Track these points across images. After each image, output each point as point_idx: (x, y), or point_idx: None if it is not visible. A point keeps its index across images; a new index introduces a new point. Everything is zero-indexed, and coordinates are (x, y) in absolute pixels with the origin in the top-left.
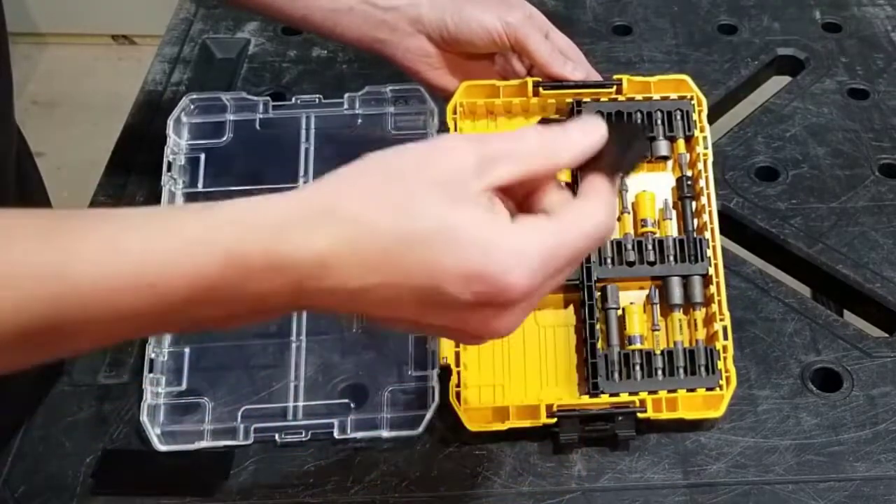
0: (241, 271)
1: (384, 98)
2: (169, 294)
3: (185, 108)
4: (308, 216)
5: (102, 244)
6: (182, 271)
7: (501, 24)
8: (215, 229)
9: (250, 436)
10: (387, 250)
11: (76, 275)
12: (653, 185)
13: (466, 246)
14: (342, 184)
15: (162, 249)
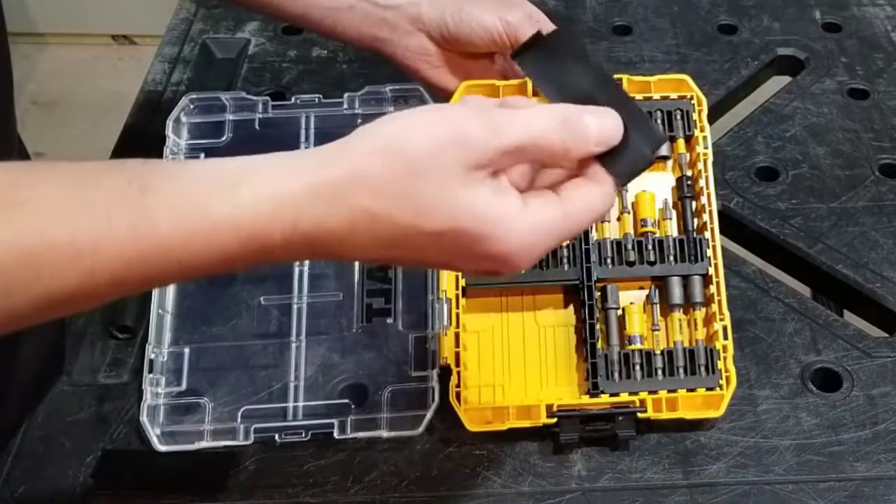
0: (264, 249)
1: (384, 98)
2: (195, 266)
3: (184, 107)
4: (328, 204)
5: (132, 222)
6: (208, 250)
7: (501, 23)
8: (241, 213)
9: (250, 436)
10: (404, 237)
11: (105, 249)
12: (653, 185)
13: (481, 235)
14: (357, 170)
15: (190, 230)
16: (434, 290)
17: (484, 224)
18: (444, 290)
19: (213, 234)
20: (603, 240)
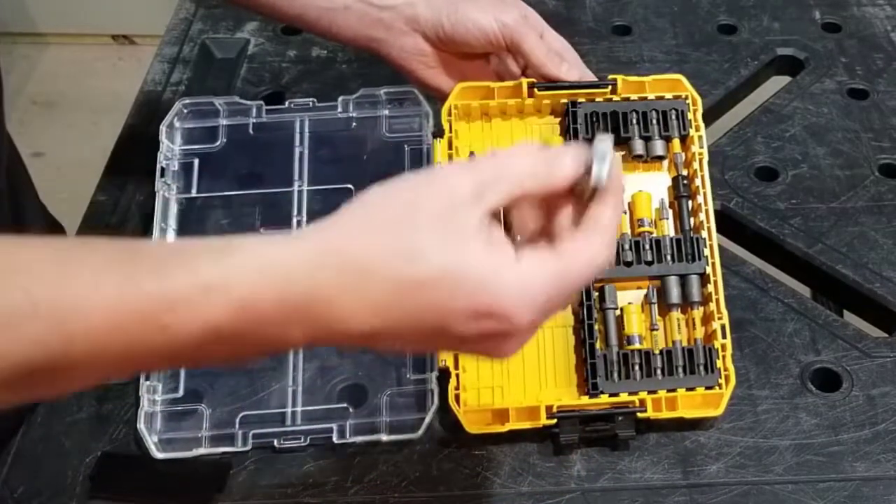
0: (254, 317)
1: (378, 101)
2: (181, 335)
3: (178, 113)
4: (317, 264)
5: (119, 282)
6: (196, 315)
7: (497, 24)
8: (230, 275)
9: (248, 442)
10: (395, 295)
11: (90, 310)
12: (649, 185)
13: (473, 286)
14: (344, 229)
15: (176, 291)
16: None
17: (476, 273)
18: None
19: (202, 297)
20: None
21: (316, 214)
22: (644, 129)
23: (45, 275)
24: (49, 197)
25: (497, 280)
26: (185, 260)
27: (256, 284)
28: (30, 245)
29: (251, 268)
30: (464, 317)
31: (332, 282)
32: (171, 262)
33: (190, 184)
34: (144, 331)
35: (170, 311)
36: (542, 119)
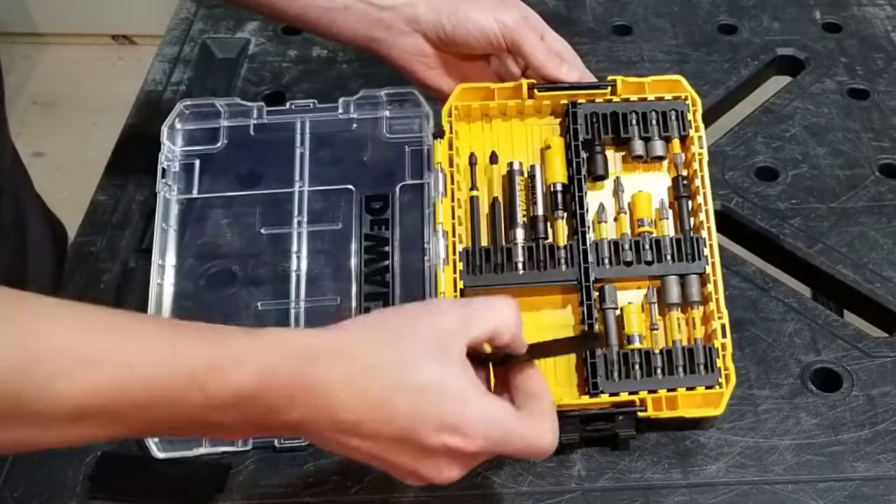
0: (271, 386)
1: (379, 102)
2: (215, 397)
3: (179, 114)
4: (330, 354)
5: (168, 347)
6: (229, 378)
7: (498, 25)
8: (259, 348)
9: (249, 441)
10: (388, 393)
11: (143, 367)
12: (649, 186)
13: (451, 399)
14: (357, 334)
15: (214, 357)
16: (432, 292)
17: (455, 388)
18: (441, 292)
19: (235, 363)
20: (600, 240)
21: (316, 215)
22: (644, 130)
23: (103, 336)
24: (49, 197)
25: (468, 398)
26: (220, 334)
27: (279, 360)
28: (82, 307)
29: (275, 346)
30: (434, 424)
31: (340, 372)
32: (209, 334)
33: (191, 184)
34: (189, 388)
35: (209, 373)
36: (542, 120)
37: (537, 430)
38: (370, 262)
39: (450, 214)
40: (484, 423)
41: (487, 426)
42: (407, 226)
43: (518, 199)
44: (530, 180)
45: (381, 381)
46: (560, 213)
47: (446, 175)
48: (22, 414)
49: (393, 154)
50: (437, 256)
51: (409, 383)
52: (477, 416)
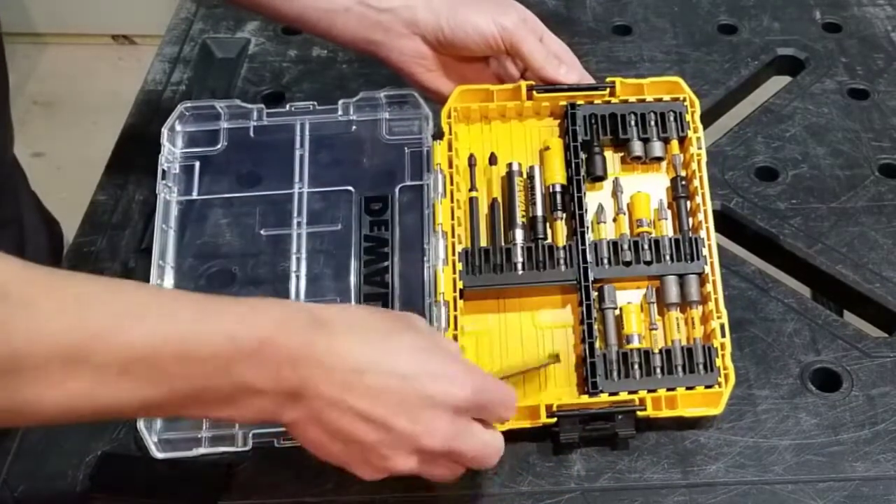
0: (289, 331)
1: (378, 103)
2: (242, 344)
3: (179, 116)
4: (335, 309)
5: (194, 305)
6: (254, 324)
7: (496, 27)
8: (274, 302)
9: (248, 442)
10: (386, 342)
11: (179, 323)
12: (648, 186)
13: (441, 354)
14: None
15: (238, 310)
16: (432, 293)
17: (438, 345)
18: (441, 292)
19: (255, 313)
20: (599, 240)
21: (316, 216)
22: (642, 131)
23: (143, 294)
24: (49, 197)
25: (455, 354)
26: (236, 298)
27: (294, 311)
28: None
29: (288, 303)
30: (430, 373)
31: (344, 320)
32: (226, 298)
33: (191, 186)
34: (220, 341)
35: (237, 323)
36: (541, 121)
37: (508, 389)
38: (370, 262)
39: (449, 215)
40: (470, 373)
41: (472, 376)
42: (406, 227)
43: (517, 199)
44: (529, 181)
45: (381, 333)
46: (559, 213)
47: (446, 176)
48: (79, 363)
49: (392, 155)
50: (437, 257)
51: (405, 339)
52: (464, 367)
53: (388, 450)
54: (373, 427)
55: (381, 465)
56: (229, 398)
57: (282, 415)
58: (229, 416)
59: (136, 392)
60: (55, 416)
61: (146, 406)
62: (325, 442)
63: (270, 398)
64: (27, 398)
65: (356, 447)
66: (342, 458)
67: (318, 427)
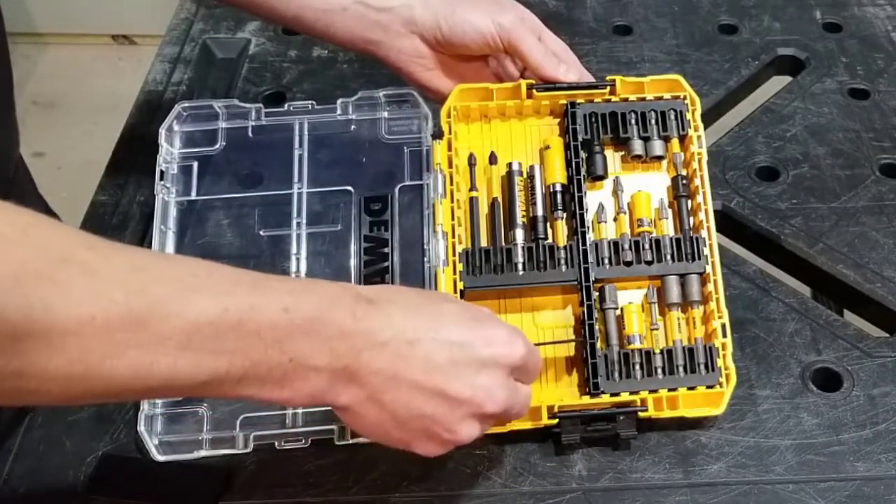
0: (341, 304)
1: (377, 103)
2: (297, 316)
3: (177, 116)
4: (379, 288)
5: (249, 278)
6: (305, 299)
7: (495, 26)
8: (320, 282)
9: (249, 444)
10: (435, 309)
11: (236, 295)
12: (648, 185)
13: (488, 319)
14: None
15: (291, 286)
16: None
17: (483, 312)
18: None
19: (306, 290)
20: (600, 240)
21: (315, 216)
22: (643, 130)
23: (202, 266)
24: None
25: (497, 319)
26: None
27: (341, 289)
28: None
29: (334, 283)
30: (481, 339)
31: (391, 295)
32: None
33: (189, 186)
34: (276, 312)
35: (290, 295)
36: (541, 120)
37: (539, 353)
38: (370, 263)
39: (449, 215)
40: (518, 335)
41: (521, 338)
42: (406, 227)
43: (517, 199)
44: (529, 181)
45: (425, 305)
46: (559, 213)
47: (445, 176)
48: (140, 331)
49: (392, 155)
50: (437, 258)
51: (450, 308)
52: (511, 329)
53: (451, 420)
54: (432, 397)
55: (446, 439)
56: (285, 377)
57: (337, 396)
58: (285, 397)
59: (197, 366)
60: (120, 388)
61: (207, 382)
62: (384, 422)
63: (326, 377)
64: (91, 363)
65: (418, 423)
66: (403, 438)
67: (376, 407)
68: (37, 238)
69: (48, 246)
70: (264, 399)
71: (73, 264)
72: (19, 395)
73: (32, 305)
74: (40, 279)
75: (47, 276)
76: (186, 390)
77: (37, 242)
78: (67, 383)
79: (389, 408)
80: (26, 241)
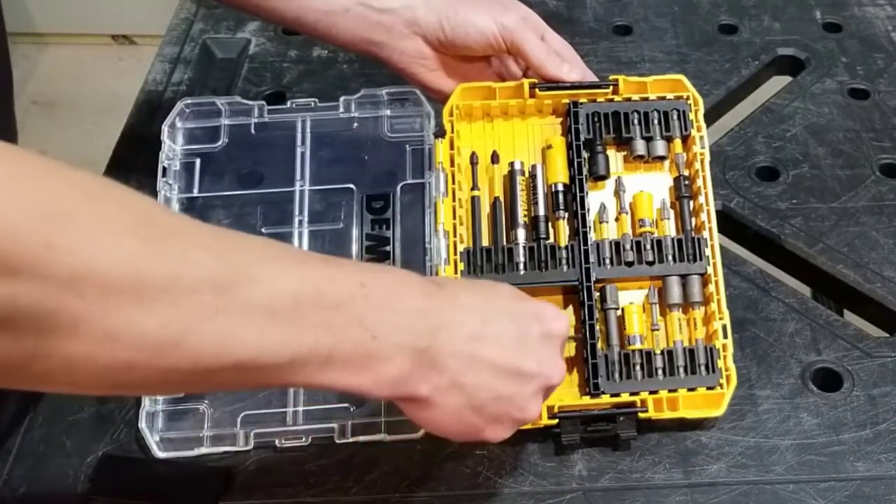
0: (412, 283)
1: (380, 101)
2: (373, 294)
3: (179, 112)
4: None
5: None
6: (381, 277)
7: (497, 26)
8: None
9: (250, 441)
10: (490, 293)
11: (313, 266)
12: (650, 185)
13: (530, 299)
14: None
15: (362, 266)
16: None
17: (523, 293)
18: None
19: (379, 269)
20: (601, 240)
21: (317, 214)
22: (645, 130)
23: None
24: None
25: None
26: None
27: (405, 273)
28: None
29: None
30: (532, 313)
31: (450, 281)
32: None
33: (192, 183)
34: (353, 287)
35: (364, 272)
36: (543, 119)
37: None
38: (371, 261)
39: (451, 214)
40: (557, 308)
41: (560, 311)
42: (408, 225)
43: (519, 198)
44: (531, 180)
45: (480, 286)
46: (561, 213)
47: (447, 175)
48: (228, 295)
49: (394, 153)
50: (438, 256)
51: (500, 289)
52: (551, 305)
53: (523, 397)
54: (506, 376)
55: (517, 418)
56: (368, 358)
57: (418, 383)
58: (369, 384)
59: (282, 340)
60: (208, 362)
61: (292, 361)
62: (462, 409)
63: (409, 358)
64: (182, 327)
65: (494, 406)
66: (478, 425)
67: (456, 392)
68: (123, 196)
69: (135, 204)
70: (348, 387)
71: (157, 224)
72: (112, 370)
73: (123, 258)
74: (131, 233)
75: (136, 232)
76: (272, 373)
77: (124, 199)
78: (158, 352)
79: (469, 391)
80: (113, 197)
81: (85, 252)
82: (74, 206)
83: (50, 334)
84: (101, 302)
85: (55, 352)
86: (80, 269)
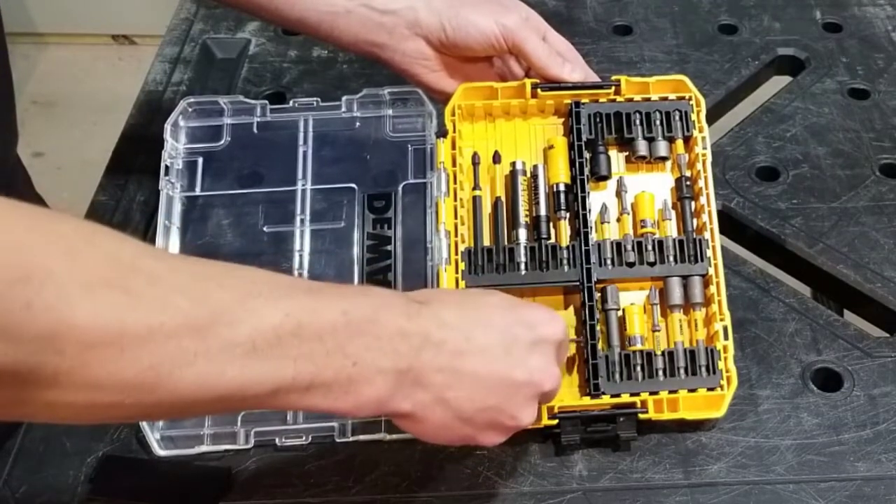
0: (392, 305)
1: (382, 100)
2: (353, 319)
3: (182, 111)
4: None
5: (306, 285)
6: (363, 303)
7: (498, 27)
8: (369, 287)
9: (250, 440)
10: (478, 306)
11: (298, 298)
12: (652, 186)
13: (521, 305)
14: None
15: (343, 291)
16: None
17: (516, 300)
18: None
19: (360, 293)
20: (602, 241)
21: (319, 214)
22: (647, 130)
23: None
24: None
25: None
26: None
27: (389, 294)
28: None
29: (381, 289)
30: (525, 322)
31: (436, 295)
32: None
33: (194, 182)
34: (335, 316)
35: (349, 297)
36: (545, 119)
37: None
38: (372, 260)
39: (452, 214)
40: (553, 312)
41: (557, 314)
42: (409, 225)
43: (521, 199)
44: (533, 180)
45: (468, 301)
46: (563, 213)
47: (449, 174)
48: (208, 338)
49: (396, 153)
50: (440, 256)
51: (489, 300)
52: (546, 309)
53: (513, 406)
54: (493, 387)
55: (509, 426)
56: (350, 383)
57: (401, 402)
58: (350, 406)
59: (263, 373)
60: (189, 399)
61: (275, 392)
62: (449, 421)
63: (391, 379)
64: (162, 372)
65: (483, 416)
66: (469, 434)
67: (441, 407)
68: (104, 246)
69: (117, 254)
70: (332, 409)
71: (140, 273)
72: (94, 409)
73: (102, 313)
74: (110, 287)
75: (116, 284)
76: (255, 401)
77: (105, 250)
78: (139, 394)
79: (454, 405)
80: (94, 249)
81: (64, 310)
82: (54, 265)
83: (30, 386)
84: (81, 356)
85: (37, 399)
86: (59, 328)
